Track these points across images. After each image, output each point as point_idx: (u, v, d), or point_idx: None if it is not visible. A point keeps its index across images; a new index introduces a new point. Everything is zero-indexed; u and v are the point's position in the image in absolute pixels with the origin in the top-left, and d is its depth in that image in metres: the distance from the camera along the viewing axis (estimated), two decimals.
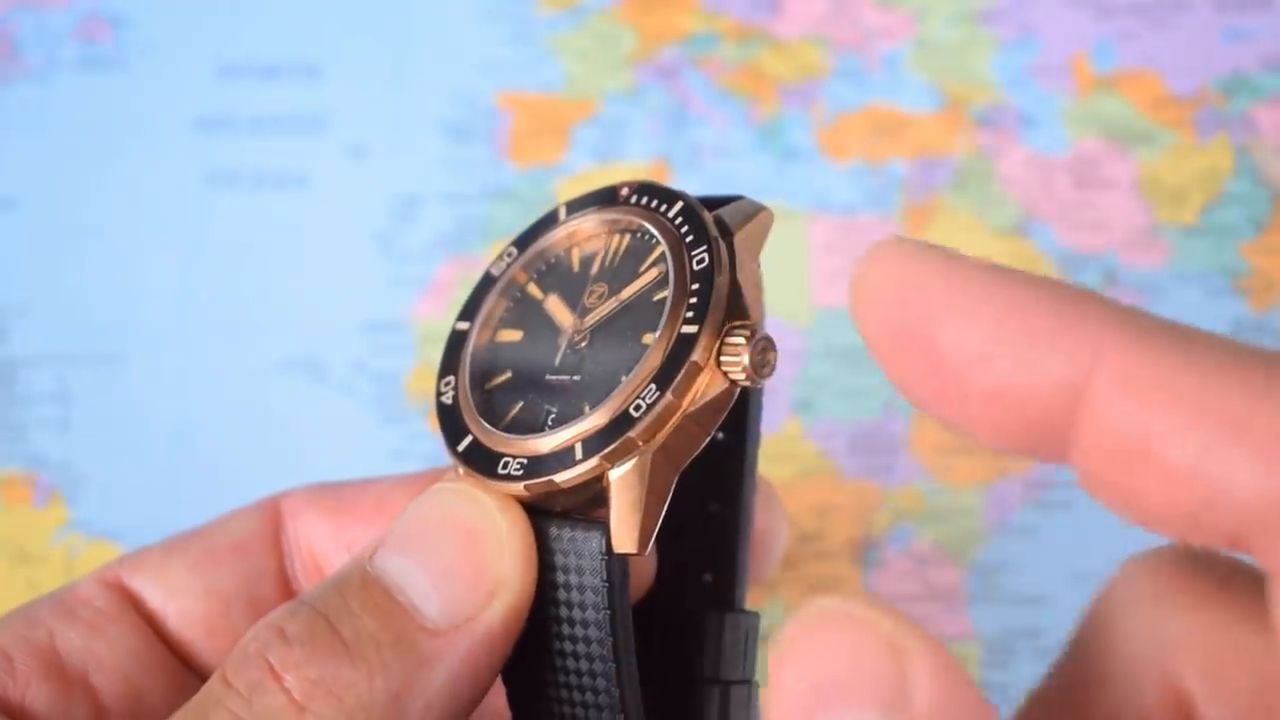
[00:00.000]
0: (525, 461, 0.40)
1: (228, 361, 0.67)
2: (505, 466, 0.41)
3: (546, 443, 0.40)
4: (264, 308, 0.67)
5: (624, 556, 0.40)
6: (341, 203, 0.68)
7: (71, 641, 0.44)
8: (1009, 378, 0.31)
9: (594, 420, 0.40)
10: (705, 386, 0.40)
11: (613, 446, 0.39)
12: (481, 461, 0.41)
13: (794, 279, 0.66)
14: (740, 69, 0.68)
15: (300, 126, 0.68)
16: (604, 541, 0.40)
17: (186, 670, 0.46)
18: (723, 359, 0.40)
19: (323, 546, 0.47)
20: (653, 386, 0.39)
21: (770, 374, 0.40)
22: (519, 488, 0.40)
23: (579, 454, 0.40)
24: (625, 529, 0.40)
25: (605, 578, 0.40)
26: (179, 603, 0.46)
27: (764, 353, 0.40)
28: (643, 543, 0.40)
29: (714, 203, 0.43)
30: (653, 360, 0.40)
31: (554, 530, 0.40)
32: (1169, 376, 0.31)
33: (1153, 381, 0.31)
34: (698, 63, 0.68)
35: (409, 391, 0.66)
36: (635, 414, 0.39)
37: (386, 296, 0.67)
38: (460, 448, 0.42)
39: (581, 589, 0.40)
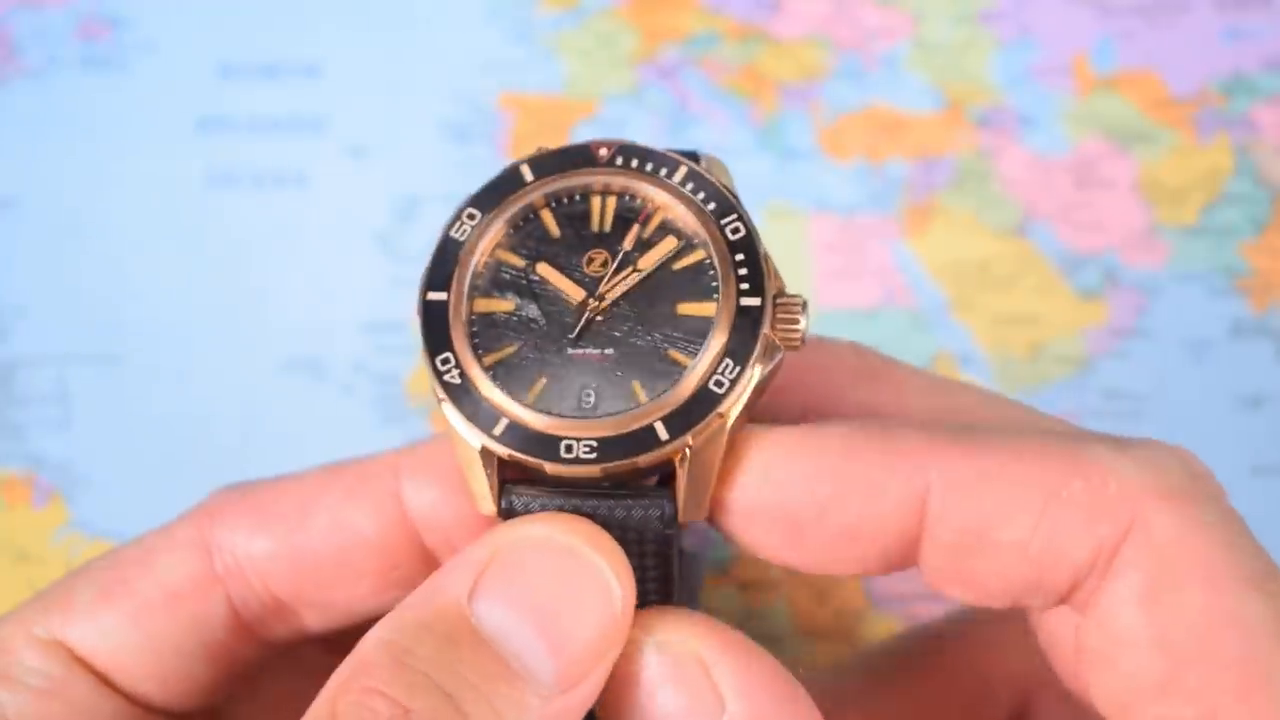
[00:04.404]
0: (595, 443, 0.40)
1: (228, 361, 0.67)
2: (570, 450, 0.40)
3: (616, 423, 0.40)
4: (264, 308, 0.67)
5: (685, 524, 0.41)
6: (341, 203, 0.68)
7: (25, 712, 0.43)
8: (863, 509, 0.39)
9: (672, 397, 0.40)
10: (771, 355, 0.41)
11: (702, 423, 0.40)
12: (536, 446, 0.40)
13: (794, 279, 0.66)
14: (740, 69, 0.68)
15: (300, 126, 0.68)
16: (669, 513, 0.41)
17: (147, 711, 0.45)
18: (780, 328, 0.41)
19: (264, 564, 0.45)
20: (729, 362, 0.40)
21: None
22: (594, 470, 0.40)
23: (663, 433, 0.40)
24: (695, 500, 0.41)
25: (668, 544, 0.41)
26: (123, 659, 0.44)
27: (808, 316, 0.41)
28: (707, 509, 0.41)
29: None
30: (720, 335, 0.40)
31: (611, 509, 0.41)
32: (992, 469, 0.38)
33: (977, 476, 0.38)
34: (698, 63, 0.68)
35: (409, 392, 0.66)
36: (718, 390, 0.40)
37: (386, 296, 0.67)
38: (497, 432, 0.41)
39: (643, 556, 0.41)
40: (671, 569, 0.42)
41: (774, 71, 0.68)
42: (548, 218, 0.43)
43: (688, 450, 0.40)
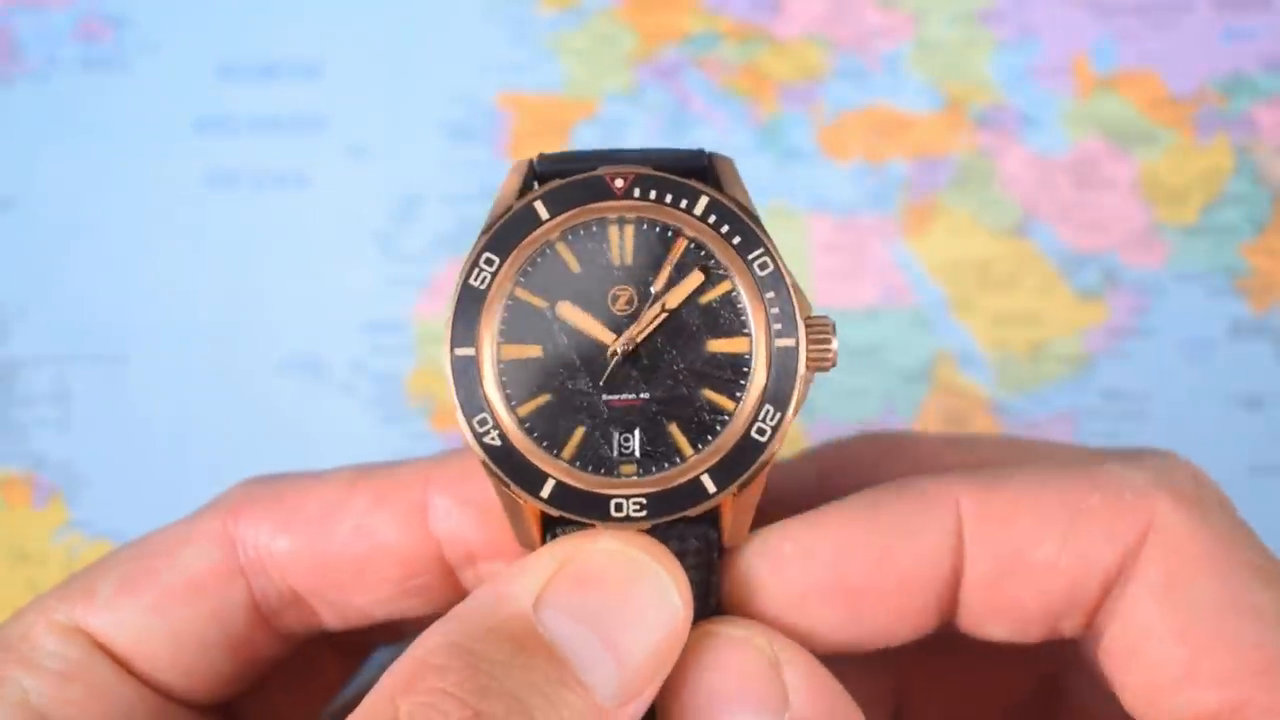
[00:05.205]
0: (644, 500, 0.41)
1: (228, 361, 0.67)
2: (620, 509, 0.41)
3: (662, 479, 0.41)
4: (264, 308, 0.67)
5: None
6: (341, 203, 0.68)
7: (46, 694, 0.43)
8: (907, 552, 0.41)
9: (716, 448, 0.41)
10: (805, 386, 0.42)
11: (750, 473, 0.41)
12: (585, 506, 0.41)
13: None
14: (740, 69, 0.68)
15: (300, 126, 0.68)
16: (715, 539, 0.42)
17: (166, 700, 0.45)
18: (814, 349, 0.41)
19: (286, 560, 0.46)
20: (770, 408, 0.41)
21: None
22: (645, 526, 0.41)
23: (711, 486, 0.41)
24: (739, 528, 0.42)
25: (709, 569, 0.42)
26: (144, 647, 0.45)
27: (836, 334, 0.42)
28: (749, 534, 0.42)
29: (665, 158, 0.43)
30: (758, 378, 0.41)
31: (661, 538, 0.41)
32: (1017, 497, 0.41)
33: (1005, 504, 0.41)
34: (698, 63, 0.68)
35: (409, 391, 0.66)
36: (761, 438, 0.41)
37: (386, 296, 0.67)
38: (545, 494, 0.41)
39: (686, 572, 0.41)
40: (710, 587, 0.42)
41: (774, 71, 0.68)
42: (565, 252, 0.42)
43: (734, 495, 0.41)
